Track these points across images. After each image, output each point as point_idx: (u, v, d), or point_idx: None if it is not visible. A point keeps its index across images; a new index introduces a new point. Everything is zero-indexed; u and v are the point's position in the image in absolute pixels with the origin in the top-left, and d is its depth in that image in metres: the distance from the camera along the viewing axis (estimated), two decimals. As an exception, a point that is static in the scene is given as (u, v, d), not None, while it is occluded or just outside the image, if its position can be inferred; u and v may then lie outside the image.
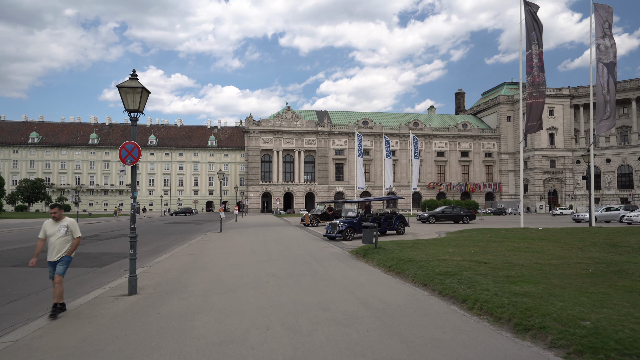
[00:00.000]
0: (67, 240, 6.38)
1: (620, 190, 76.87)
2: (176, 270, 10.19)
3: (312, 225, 29.75)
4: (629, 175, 76.71)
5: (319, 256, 12.70)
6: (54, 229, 6.34)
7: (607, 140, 78.48)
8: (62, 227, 6.36)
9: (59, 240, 6.30)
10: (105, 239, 20.34)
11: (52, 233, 6.31)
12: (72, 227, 6.42)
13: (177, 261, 11.89)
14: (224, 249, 14.83)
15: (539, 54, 20.50)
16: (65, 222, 6.41)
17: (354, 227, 18.23)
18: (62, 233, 6.33)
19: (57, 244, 6.28)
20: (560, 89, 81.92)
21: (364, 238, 13.36)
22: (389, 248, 12.48)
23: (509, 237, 16.24)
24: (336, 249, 14.69)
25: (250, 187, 79.89)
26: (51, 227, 6.34)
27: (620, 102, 78.98)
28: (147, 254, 14.19)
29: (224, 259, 12.38)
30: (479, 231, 19.96)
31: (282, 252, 13.76)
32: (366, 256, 11.80)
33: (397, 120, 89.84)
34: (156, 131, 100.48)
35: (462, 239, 15.65)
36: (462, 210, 34.15)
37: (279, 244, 16.77)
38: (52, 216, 6.38)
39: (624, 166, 77.22)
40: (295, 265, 10.81)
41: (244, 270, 10.11)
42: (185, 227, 30.81)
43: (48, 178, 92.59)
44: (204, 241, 18.13)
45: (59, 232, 6.31)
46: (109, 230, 27.13)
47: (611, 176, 77.81)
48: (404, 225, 20.86)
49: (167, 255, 13.21)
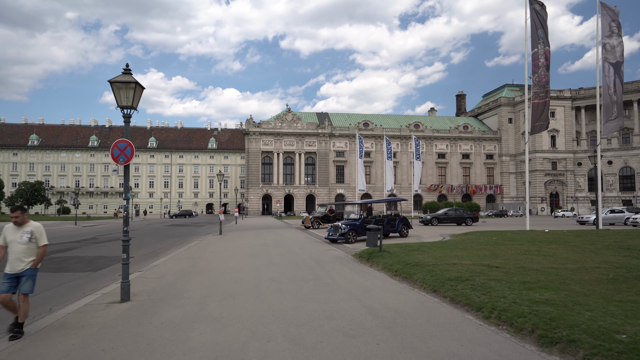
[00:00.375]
0: (31, 249, 5.43)
1: (622, 193, 76.44)
2: (173, 275, 9.73)
3: (313, 227, 29.26)
4: (630, 177, 76.29)
5: (322, 260, 12.23)
6: (15, 235, 5.38)
7: (609, 142, 78.10)
8: (25, 233, 5.40)
9: (21, 248, 5.36)
10: (103, 242, 19.88)
11: (13, 240, 5.37)
12: (37, 233, 5.47)
13: (174, 265, 11.42)
14: (223, 253, 14.37)
15: (545, 53, 20.02)
16: (29, 228, 5.44)
17: (357, 230, 17.78)
18: (25, 240, 5.38)
19: (19, 253, 5.35)
20: (562, 90, 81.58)
21: (367, 241, 12.94)
22: (394, 251, 12.02)
23: (516, 240, 15.72)
24: (339, 252, 14.23)
25: (250, 189, 79.45)
26: (12, 233, 5.38)
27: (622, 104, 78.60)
28: (143, 258, 13.75)
29: (223, 262, 11.91)
30: (484, 234, 19.48)
31: (283, 256, 13.28)
32: (371, 260, 11.35)
33: (398, 122, 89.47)
34: (156, 133, 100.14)
35: (469, 242, 15.19)
36: (464, 212, 33.72)
37: (279, 247, 16.32)
38: (14, 221, 5.40)
39: (626, 168, 76.82)
40: (297, 270, 10.35)
41: (243, 275, 9.66)
42: (185, 230, 30.37)
43: (48, 180, 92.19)
44: (202, 244, 17.68)
45: (20, 239, 5.37)
46: (106, 233, 26.61)
47: (613, 178, 77.40)
48: (407, 227, 20.39)
49: (164, 259, 12.75)
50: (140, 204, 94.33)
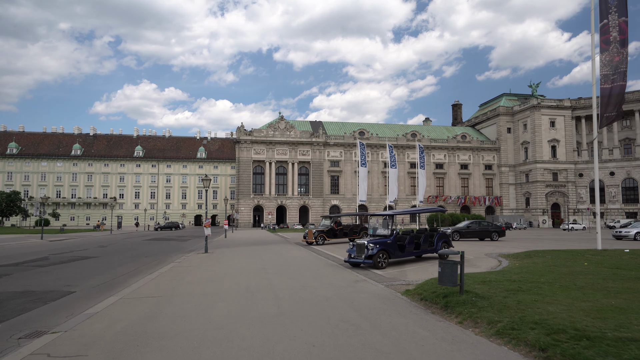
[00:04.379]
0: None
1: (625, 205, 74.22)
2: (108, 343, 5.76)
3: (317, 243, 25.05)
4: (634, 188, 74.18)
5: (361, 304, 7.97)
6: None
7: (611, 152, 76.13)
8: None
9: None
10: (49, 265, 15.51)
11: None
12: None
13: (124, 314, 7.39)
14: (207, 286, 10.25)
15: (620, 25, 16.69)
16: None
17: (388, 250, 13.53)
18: None
19: None
20: (562, 100, 79.74)
21: (441, 276, 7.91)
22: (481, 292, 7.83)
23: (622, 267, 11.60)
24: (376, 286, 9.96)
25: (241, 200, 75.63)
26: None
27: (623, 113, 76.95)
28: (87, 293, 9.78)
29: (204, 309, 7.70)
30: (556, 255, 15.08)
31: (295, 293, 9.15)
32: (451, 308, 7.22)
33: (394, 131, 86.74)
34: (143, 142, 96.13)
35: (550, 270, 11.11)
36: (489, 225, 30.08)
37: (285, 274, 12.21)
38: None
39: (629, 179, 74.74)
40: (332, 331, 6.17)
41: (239, 345, 5.55)
42: (166, 245, 26.69)
43: (27, 190, 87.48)
44: (180, 269, 13.64)
45: None
46: (67, 251, 22.18)
47: (615, 190, 75.25)
48: (448, 246, 16.10)
49: (114, 299, 8.68)
50: (125, 215, 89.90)
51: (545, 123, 78.14)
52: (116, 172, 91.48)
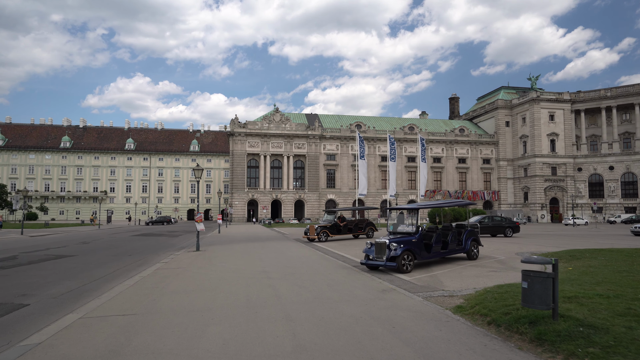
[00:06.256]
0: None
1: (625, 199, 73.46)
2: None
3: (319, 240, 23.01)
4: (633, 183, 73.38)
5: (404, 328, 5.93)
6: None
7: (610, 146, 75.23)
8: None
9: None
10: (16, 266, 13.38)
11: None
12: None
13: (72, 349, 5.18)
14: (196, 298, 8.11)
15: None
16: None
17: (413, 251, 11.48)
18: None
19: None
20: (561, 93, 78.55)
21: (528, 294, 5.70)
22: (582, 317, 5.57)
23: None
24: (412, 298, 7.93)
25: (235, 194, 73.81)
26: None
27: (622, 107, 76.00)
28: (41, 309, 7.56)
29: (189, 339, 5.49)
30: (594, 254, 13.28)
31: (311, 310, 7.04)
32: (549, 344, 4.97)
33: (391, 125, 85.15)
34: (134, 134, 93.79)
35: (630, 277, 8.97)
36: (502, 220, 28.27)
37: (291, 280, 10.13)
38: None
39: (628, 174, 73.90)
40: None
41: None
42: (154, 242, 24.97)
43: (14, 184, 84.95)
44: (167, 271, 11.57)
45: None
46: (44, 249, 19.79)
47: (614, 184, 74.43)
48: (477, 245, 14.13)
49: (70, 319, 6.48)
50: (116, 209, 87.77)
51: (545, 116, 76.97)
52: (107, 165, 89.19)
